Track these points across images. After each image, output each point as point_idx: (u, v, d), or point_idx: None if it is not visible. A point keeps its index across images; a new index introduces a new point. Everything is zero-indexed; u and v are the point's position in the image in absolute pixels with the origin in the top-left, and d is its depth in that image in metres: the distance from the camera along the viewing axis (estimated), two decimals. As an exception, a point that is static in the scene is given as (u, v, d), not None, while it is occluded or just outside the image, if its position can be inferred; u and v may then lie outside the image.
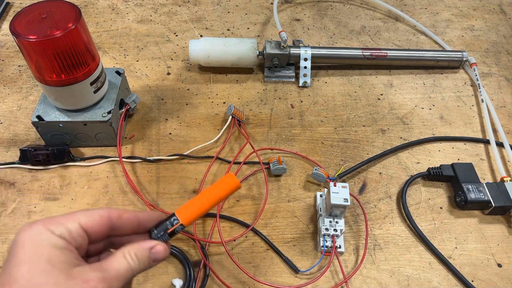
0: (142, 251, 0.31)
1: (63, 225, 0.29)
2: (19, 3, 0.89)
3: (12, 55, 0.77)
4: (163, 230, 0.33)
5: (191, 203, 0.34)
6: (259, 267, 0.51)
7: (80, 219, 0.30)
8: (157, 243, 0.32)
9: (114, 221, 0.31)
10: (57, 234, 0.28)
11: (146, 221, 0.33)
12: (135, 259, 0.31)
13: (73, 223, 0.29)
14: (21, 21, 0.51)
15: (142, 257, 0.31)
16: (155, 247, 0.32)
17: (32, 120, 0.58)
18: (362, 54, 0.74)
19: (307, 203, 0.58)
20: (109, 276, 0.29)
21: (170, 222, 0.33)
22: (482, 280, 0.51)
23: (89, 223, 0.30)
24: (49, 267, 0.26)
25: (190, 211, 0.34)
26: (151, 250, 0.32)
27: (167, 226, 0.33)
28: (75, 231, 0.29)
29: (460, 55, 0.76)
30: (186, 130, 0.66)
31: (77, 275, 0.27)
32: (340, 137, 0.66)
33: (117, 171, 0.60)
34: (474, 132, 0.67)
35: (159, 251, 0.32)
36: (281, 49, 0.71)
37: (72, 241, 0.29)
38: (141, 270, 0.31)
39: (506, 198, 0.56)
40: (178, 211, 0.34)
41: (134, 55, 0.78)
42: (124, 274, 0.30)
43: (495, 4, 0.93)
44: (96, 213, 0.30)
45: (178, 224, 0.33)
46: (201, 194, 0.34)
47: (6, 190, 0.58)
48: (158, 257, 0.32)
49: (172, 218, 0.34)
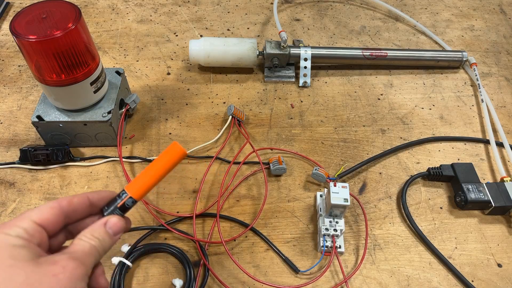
0: (97, 229, 0.32)
1: (17, 226, 0.29)
2: (19, 3, 0.89)
3: (12, 55, 0.77)
4: (113, 206, 0.34)
5: (140, 177, 0.35)
6: (259, 267, 0.51)
7: (32, 216, 0.30)
8: (109, 217, 0.33)
9: (65, 208, 0.32)
10: (14, 235, 0.28)
11: (98, 200, 0.34)
12: (94, 238, 0.31)
13: (26, 222, 0.29)
14: (21, 21, 0.51)
15: (99, 235, 0.32)
16: (108, 221, 0.33)
17: (32, 120, 0.58)
18: (362, 54, 0.74)
19: (307, 203, 0.58)
20: (76, 255, 0.29)
21: (119, 197, 0.34)
22: (482, 280, 0.51)
23: (42, 216, 0.30)
24: (13, 262, 0.27)
25: (139, 184, 0.34)
26: (105, 225, 0.32)
27: (117, 201, 0.34)
28: (30, 229, 0.29)
29: (460, 55, 0.76)
30: (186, 130, 0.66)
31: (43, 262, 0.28)
32: (340, 137, 0.66)
33: (117, 171, 0.60)
34: (474, 132, 0.67)
35: (114, 223, 0.33)
36: (281, 49, 0.71)
37: (30, 238, 0.29)
38: (106, 247, 0.32)
39: (506, 198, 0.56)
40: (128, 186, 0.34)
41: (134, 55, 0.78)
42: (90, 252, 0.30)
43: (495, 4, 0.93)
44: (46, 206, 0.31)
45: (127, 197, 0.34)
46: (149, 167, 0.35)
47: (6, 190, 0.58)
48: (116, 230, 0.33)
49: (121, 193, 0.34)
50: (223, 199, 0.57)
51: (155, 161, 0.35)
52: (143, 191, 0.34)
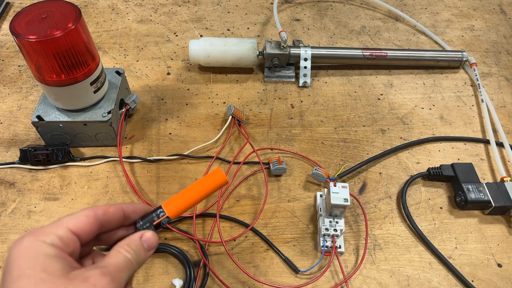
0: (133, 241, 0.32)
1: (53, 233, 0.29)
2: (19, 3, 0.89)
3: (12, 55, 0.77)
4: (149, 222, 0.34)
5: (179, 196, 0.34)
6: (259, 267, 0.51)
7: (68, 224, 0.29)
8: (145, 231, 0.33)
9: (101, 217, 0.31)
10: (49, 243, 0.28)
11: (131, 212, 0.34)
12: (130, 250, 0.31)
13: (62, 229, 0.29)
14: (21, 21, 0.51)
15: (135, 247, 0.31)
16: (144, 234, 0.33)
17: (32, 120, 0.58)
18: (362, 54, 0.74)
19: (307, 203, 0.58)
20: (108, 270, 0.29)
21: (156, 214, 0.34)
22: (482, 280, 0.51)
23: (78, 225, 0.30)
24: (45, 276, 0.26)
25: (177, 204, 0.34)
26: (141, 239, 0.32)
27: (153, 218, 0.34)
28: (65, 237, 0.29)
29: (460, 55, 0.76)
30: (186, 130, 0.66)
31: (75, 277, 0.27)
32: (340, 137, 0.66)
33: (117, 171, 0.60)
34: (474, 132, 0.67)
35: (149, 238, 0.33)
36: (281, 49, 0.71)
37: (64, 247, 0.29)
38: (139, 262, 0.32)
39: (506, 198, 0.56)
40: (165, 203, 0.34)
41: (134, 55, 0.78)
42: (124, 266, 0.30)
43: (495, 4, 0.93)
44: (81, 214, 0.31)
45: (164, 217, 0.33)
46: (189, 188, 0.35)
47: (6, 190, 0.58)
48: (150, 244, 0.33)
49: (159, 210, 0.34)
50: (223, 199, 0.57)
51: (197, 184, 0.35)
52: (180, 212, 0.34)
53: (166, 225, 0.34)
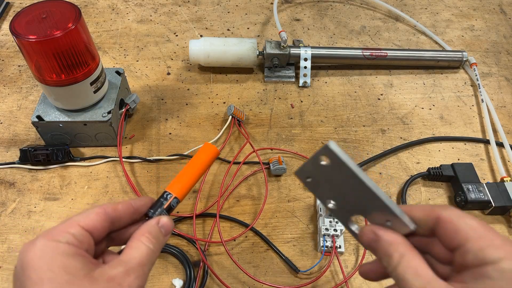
0: (153, 228, 0.31)
1: (66, 232, 0.28)
2: (19, 3, 0.89)
3: (12, 55, 0.77)
4: (159, 207, 0.33)
5: (179, 178, 0.35)
6: (259, 267, 0.51)
7: (80, 221, 0.29)
8: (161, 216, 0.32)
9: (111, 214, 0.31)
10: (64, 242, 0.27)
11: (141, 206, 0.33)
12: (151, 238, 0.30)
13: (74, 227, 0.28)
14: (21, 21, 0.51)
15: (156, 234, 0.31)
16: (161, 219, 0.32)
17: (32, 120, 0.58)
18: (362, 54, 0.74)
19: (307, 203, 0.58)
20: (132, 266, 0.28)
21: (164, 198, 0.34)
22: (482, 280, 0.51)
23: (89, 222, 0.29)
24: (69, 277, 0.25)
25: (180, 185, 0.34)
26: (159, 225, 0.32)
27: (162, 203, 0.34)
28: (79, 234, 0.28)
29: (460, 55, 0.76)
30: (186, 130, 0.66)
31: (99, 277, 0.26)
32: (340, 137, 0.66)
33: (117, 171, 0.60)
34: (474, 132, 0.67)
35: (166, 222, 0.32)
36: (281, 49, 0.71)
37: (80, 245, 0.28)
38: (159, 249, 0.31)
39: (506, 198, 0.56)
40: (168, 187, 0.34)
41: (134, 55, 0.78)
42: (146, 259, 0.29)
43: (495, 4, 0.93)
44: (92, 212, 0.30)
45: (172, 198, 0.34)
46: (186, 168, 0.35)
47: (6, 190, 0.58)
48: (167, 229, 0.32)
49: (165, 194, 0.34)
50: (223, 199, 0.57)
51: (191, 162, 0.35)
52: (185, 191, 0.34)
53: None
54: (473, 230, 0.24)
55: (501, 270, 0.22)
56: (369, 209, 0.28)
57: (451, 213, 0.26)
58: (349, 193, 0.29)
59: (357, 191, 0.28)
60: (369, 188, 0.27)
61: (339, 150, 0.27)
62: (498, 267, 0.22)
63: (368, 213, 0.29)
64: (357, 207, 0.29)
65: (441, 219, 0.26)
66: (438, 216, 0.26)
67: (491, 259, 0.23)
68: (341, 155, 0.27)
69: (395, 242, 0.26)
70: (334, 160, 0.28)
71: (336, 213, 0.31)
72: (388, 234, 0.27)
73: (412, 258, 0.25)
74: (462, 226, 0.25)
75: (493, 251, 0.23)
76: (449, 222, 0.25)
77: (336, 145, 0.27)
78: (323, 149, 0.28)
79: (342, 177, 0.28)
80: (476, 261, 0.23)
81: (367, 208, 0.28)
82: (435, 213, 0.26)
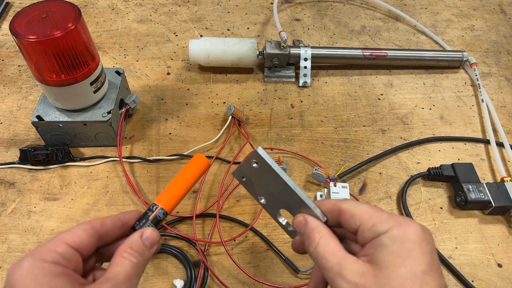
0: (135, 243, 0.31)
1: (53, 251, 0.28)
2: (19, 3, 0.89)
3: (12, 55, 0.77)
4: (145, 219, 0.33)
5: (168, 189, 0.35)
6: (259, 267, 0.51)
7: (66, 239, 0.29)
8: (144, 228, 0.32)
9: (99, 230, 0.31)
10: (51, 262, 0.27)
11: (129, 219, 0.33)
12: (134, 253, 0.30)
13: (61, 246, 0.28)
14: (21, 21, 0.51)
15: (138, 248, 0.30)
16: (144, 232, 0.32)
17: (32, 120, 0.58)
18: (362, 54, 0.74)
19: (307, 203, 0.57)
20: (119, 281, 0.28)
21: (150, 209, 0.34)
22: (482, 280, 0.51)
23: (76, 239, 0.29)
24: None
25: (168, 196, 0.34)
26: (142, 238, 0.31)
27: (148, 214, 0.34)
28: (66, 253, 0.28)
29: (460, 55, 0.76)
30: (186, 130, 0.66)
31: None
32: (340, 137, 0.66)
33: (117, 171, 0.60)
34: (474, 132, 0.67)
35: (149, 235, 0.31)
36: (281, 49, 0.71)
37: (67, 264, 0.28)
38: (145, 262, 0.31)
39: (506, 198, 0.56)
40: (157, 199, 0.34)
41: (134, 55, 0.78)
42: (132, 273, 0.29)
43: (495, 4, 0.93)
44: (79, 229, 0.30)
45: (158, 209, 0.34)
46: (175, 179, 0.35)
47: (6, 190, 0.58)
48: (152, 241, 0.32)
49: (152, 205, 0.34)
50: (223, 199, 0.57)
51: (181, 173, 0.35)
52: (173, 203, 0.34)
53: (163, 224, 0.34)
54: (365, 213, 0.29)
55: (392, 236, 0.27)
56: (292, 204, 0.33)
57: (347, 204, 0.31)
58: (275, 191, 0.34)
59: (281, 189, 0.33)
60: (290, 187, 0.32)
61: (265, 155, 0.33)
62: (389, 234, 0.27)
63: (291, 208, 0.34)
64: (283, 203, 0.34)
65: (341, 210, 0.31)
66: (339, 208, 0.31)
67: (382, 230, 0.28)
68: (267, 159, 0.33)
69: (317, 228, 0.31)
70: (262, 163, 0.33)
71: (267, 208, 0.36)
72: (313, 220, 0.32)
73: (330, 240, 0.30)
74: (356, 212, 0.30)
75: (383, 225, 0.28)
76: (347, 211, 0.30)
77: (263, 150, 0.33)
78: (253, 154, 0.33)
79: (269, 177, 0.33)
80: (372, 235, 0.28)
81: (290, 203, 0.33)
82: (337, 206, 0.31)
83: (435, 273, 0.26)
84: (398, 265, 0.26)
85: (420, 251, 0.27)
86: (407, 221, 0.28)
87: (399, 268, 0.26)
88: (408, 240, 0.27)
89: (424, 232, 0.28)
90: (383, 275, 0.26)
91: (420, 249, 0.27)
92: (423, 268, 0.26)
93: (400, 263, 0.26)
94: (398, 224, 0.28)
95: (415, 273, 0.26)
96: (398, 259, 0.26)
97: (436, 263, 0.27)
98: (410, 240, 0.27)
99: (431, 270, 0.26)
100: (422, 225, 0.28)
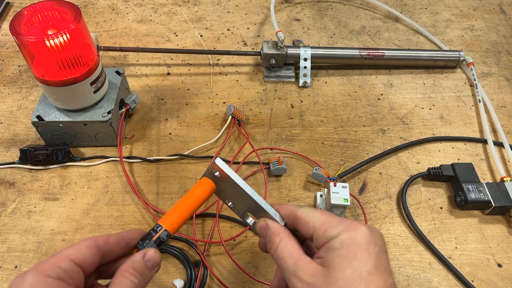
0: (137, 263, 0.31)
1: (57, 266, 0.28)
2: (19, 3, 0.89)
3: (12, 55, 0.77)
4: (148, 239, 0.33)
5: (172, 211, 0.35)
6: (259, 267, 0.51)
7: (70, 255, 0.29)
8: (147, 249, 0.32)
9: (102, 247, 0.31)
10: (54, 277, 0.27)
11: (132, 238, 0.33)
12: (136, 273, 0.30)
13: (65, 262, 0.28)
14: (21, 21, 0.51)
15: (140, 269, 0.30)
16: (146, 253, 0.32)
17: (32, 120, 0.58)
18: (359, 54, 0.74)
19: (307, 203, 0.58)
20: None
21: (154, 230, 0.33)
22: (482, 280, 0.51)
23: (80, 256, 0.29)
24: None
25: (172, 218, 0.34)
26: (144, 258, 0.31)
27: (152, 235, 0.33)
28: (70, 269, 0.28)
29: (457, 55, 0.76)
30: (186, 130, 0.66)
31: None
32: (340, 137, 0.66)
33: (117, 171, 0.60)
34: (474, 132, 0.67)
35: (151, 256, 0.32)
36: (278, 49, 0.71)
37: (70, 280, 0.28)
38: (145, 283, 0.31)
39: (506, 198, 0.56)
40: (161, 220, 0.34)
41: (134, 55, 0.78)
42: None
43: (495, 4, 0.93)
44: (82, 245, 0.30)
45: (162, 230, 0.33)
46: (181, 201, 0.35)
47: (6, 190, 0.58)
48: (154, 263, 0.32)
49: (156, 226, 0.34)
50: (223, 199, 0.57)
51: (187, 195, 0.35)
52: (177, 225, 0.34)
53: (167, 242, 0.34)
54: (317, 220, 0.31)
55: (340, 240, 0.29)
56: (254, 209, 0.35)
57: (302, 211, 0.32)
58: (238, 197, 0.35)
59: (242, 196, 0.35)
60: (249, 195, 0.34)
61: (224, 166, 0.34)
62: (338, 239, 0.29)
63: (254, 212, 0.36)
64: (247, 206, 0.36)
65: (296, 217, 0.32)
66: (294, 215, 0.33)
67: (333, 235, 0.30)
68: (226, 170, 0.34)
69: (277, 231, 0.33)
70: (222, 173, 0.35)
71: (234, 210, 0.37)
72: (274, 224, 0.34)
73: (288, 242, 0.32)
74: (309, 219, 0.32)
75: (333, 230, 0.30)
76: (302, 218, 0.32)
77: (222, 161, 0.34)
78: (212, 165, 0.35)
79: (231, 186, 0.35)
80: (324, 240, 0.30)
81: (253, 208, 0.35)
82: (293, 213, 0.33)
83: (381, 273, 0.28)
84: (345, 267, 0.28)
85: (367, 253, 0.29)
86: (356, 225, 0.30)
87: (346, 269, 0.28)
88: (355, 243, 0.29)
89: (372, 235, 0.30)
90: (332, 275, 0.28)
91: (367, 251, 0.29)
92: (369, 268, 0.28)
93: (347, 265, 0.28)
94: (347, 228, 0.30)
95: (361, 273, 0.28)
96: (345, 261, 0.28)
97: (383, 263, 0.29)
98: (356, 243, 0.29)
99: (377, 270, 0.28)
100: (372, 228, 0.30)
